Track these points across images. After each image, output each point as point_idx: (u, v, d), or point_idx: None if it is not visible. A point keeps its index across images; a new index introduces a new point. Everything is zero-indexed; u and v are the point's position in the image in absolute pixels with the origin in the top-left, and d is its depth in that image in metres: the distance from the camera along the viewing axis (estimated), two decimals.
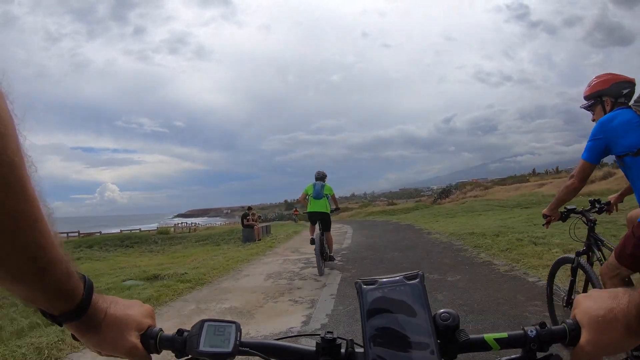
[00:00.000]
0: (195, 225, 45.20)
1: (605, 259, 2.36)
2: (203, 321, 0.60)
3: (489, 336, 0.59)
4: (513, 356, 0.60)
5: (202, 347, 0.57)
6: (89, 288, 0.53)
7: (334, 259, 7.16)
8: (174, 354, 0.61)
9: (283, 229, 19.15)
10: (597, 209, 2.63)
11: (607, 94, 2.24)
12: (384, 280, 0.60)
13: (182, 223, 48.84)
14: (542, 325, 0.59)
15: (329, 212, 6.86)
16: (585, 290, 2.56)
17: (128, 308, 0.60)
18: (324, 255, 6.63)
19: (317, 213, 6.73)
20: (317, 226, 6.75)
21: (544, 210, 2.59)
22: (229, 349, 0.57)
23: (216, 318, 0.61)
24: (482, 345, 0.59)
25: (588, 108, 2.38)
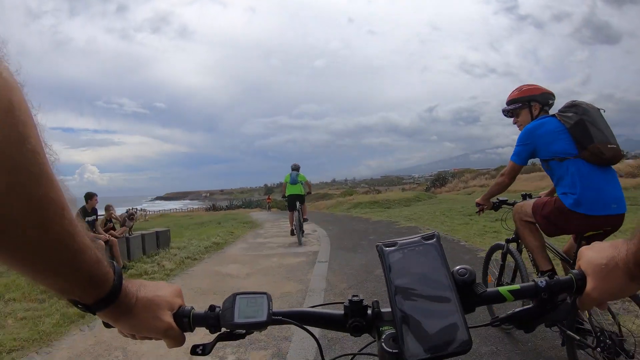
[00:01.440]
0: (146, 213, 36.77)
1: None
2: (235, 295, 0.61)
3: (504, 288, 0.63)
4: (526, 306, 0.63)
5: (237, 319, 0.59)
6: (119, 273, 0.54)
7: (307, 220, 8.48)
8: (207, 330, 0.62)
9: (209, 233, 10.79)
10: None
11: (536, 100, 2.43)
12: (403, 241, 0.62)
13: (132, 209, 40.34)
14: (551, 276, 0.62)
15: (304, 194, 8.45)
16: (514, 274, 2.76)
17: (157, 289, 0.61)
18: (302, 230, 8.15)
19: (295, 195, 8.26)
20: (295, 213, 8.11)
21: (478, 200, 2.80)
22: (264, 318, 0.59)
23: (247, 291, 0.62)
24: (497, 297, 0.63)
25: (512, 111, 2.52)
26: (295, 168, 8.58)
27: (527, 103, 2.45)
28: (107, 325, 0.59)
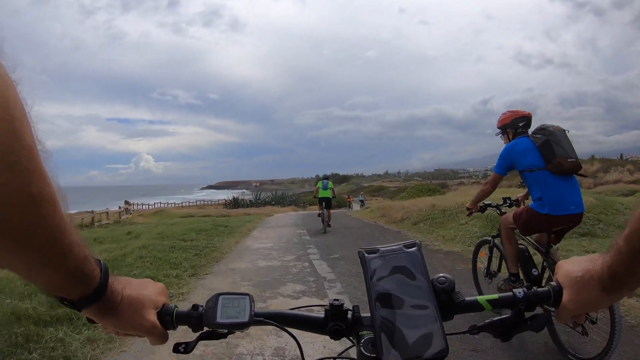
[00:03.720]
0: (130, 209, 26.71)
1: None
2: (218, 295, 0.61)
3: (482, 298, 0.64)
4: (504, 316, 0.63)
5: (220, 319, 0.59)
6: (105, 271, 0.54)
7: (330, 226, 10.72)
8: (190, 329, 0.62)
9: None
10: (508, 204, 3.42)
11: (509, 127, 3.07)
12: (385, 249, 0.63)
13: (129, 204, 30.01)
14: (529, 287, 0.63)
15: (331, 197, 10.87)
16: (500, 263, 3.43)
17: (142, 288, 0.61)
18: (326, 222, 10.38)
19: (324, 198, 10.67)
20: (324, 210, 10.49)
21: (467, 205, 3.45)
22: (246, 319, 0.59)
23: (229, 292, 0.62)
24: (475, 306, 0.63)
25: (500, 135, 3.20)
26: (326, 177, 11.19)
27: (505, 130, 3.11)
28: (91, 322, 0.58)
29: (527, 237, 3.05)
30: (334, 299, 0.62)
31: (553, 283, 0.62)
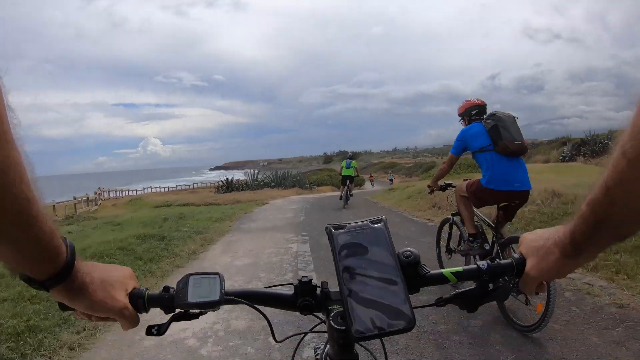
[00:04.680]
0: (98, 200, 22.05)
1: None
2: (188, 275, 0.62)
3: (447, 270, 0.66)
4: (468, 287, 0.65)
5: (191, 299, 0.59)
6: (71, 247, 0.53)
7: (352, 195, 12.25)
8: (162, 311, 0.62)
9: None
10: None
11: (464, 115, 3.47)
12: (352, 224, 0.64)
13: (99, 189, 24.76)
14: (492, 259, 0.65)
15: (353, 175, 11.94)
16: (460, 240, 3.60)
17: (110, 270, 0.61)
18: (347, 199, 11.46)
19: (347, 176, 11.71)
20: (345, 188, 11.58)
21: (429, 183, 3.81)
22: (216, 297, 0.60)
23: (200, 272, 0.62)
24: (441, 279, 0.65)
25: (461, 121, 3.54)
26: (350, 157, 12.09)
27: (462, 117, 3.49)
28: (63, 307, 0.58)
29: (480, 214, 3.38)
30: (303, 276, 0.64)
31: (515, 255, 0.64)
